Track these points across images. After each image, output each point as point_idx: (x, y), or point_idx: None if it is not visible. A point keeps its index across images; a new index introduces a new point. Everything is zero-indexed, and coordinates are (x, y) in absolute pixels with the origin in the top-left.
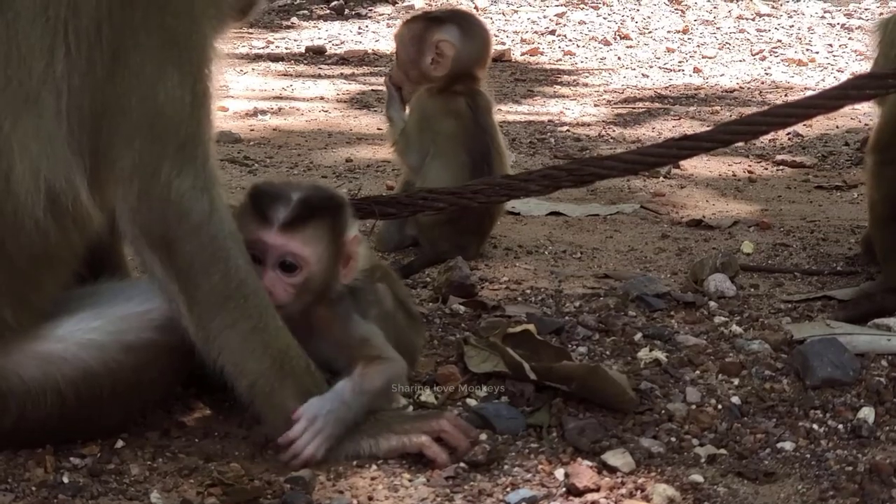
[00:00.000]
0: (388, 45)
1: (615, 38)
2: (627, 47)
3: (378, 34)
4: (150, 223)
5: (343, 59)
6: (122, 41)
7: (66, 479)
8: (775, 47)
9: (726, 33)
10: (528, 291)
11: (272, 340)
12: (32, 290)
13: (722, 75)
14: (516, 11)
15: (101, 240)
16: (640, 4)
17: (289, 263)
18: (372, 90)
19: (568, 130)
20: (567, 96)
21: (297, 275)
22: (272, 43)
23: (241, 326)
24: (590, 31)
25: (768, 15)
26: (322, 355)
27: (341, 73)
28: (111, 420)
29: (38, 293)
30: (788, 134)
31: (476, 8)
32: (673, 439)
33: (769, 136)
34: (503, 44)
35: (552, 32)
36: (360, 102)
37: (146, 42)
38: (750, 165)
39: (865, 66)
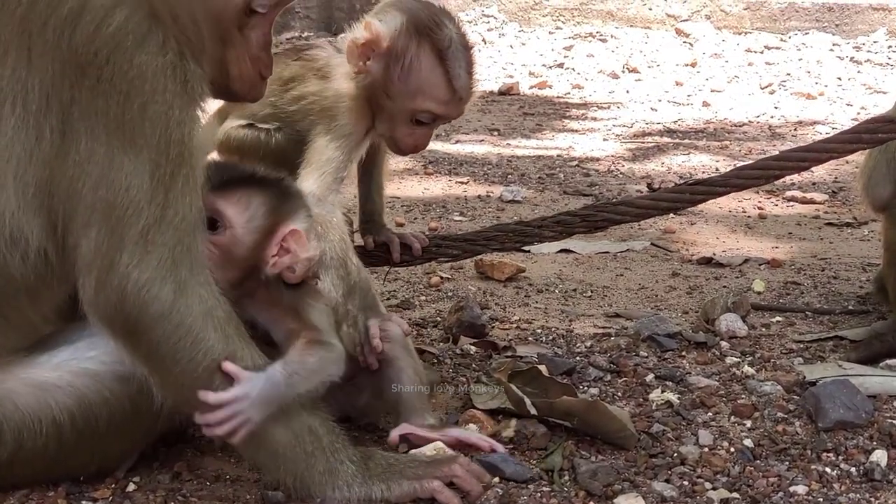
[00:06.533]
0: None
1: (623, 71)
2: (636, 80)
3: None
4: (111, 315)
5: None
6: (71, 123)
7: None
8: (784, 80)
9: (735, 66)
10: (539, 331)
11: None
12: (27, 316)
13: (731, 109)
14: (524, 44)
15: None
16: (647, 37)
17: (211, 219)
18: None
19: (577, 165)
20: (576, 130)
21: (220, 233)
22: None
23: None
24: (598, 64)
25: (776, 48)
26: (262, 324)
27: None
28: (112, 453)
29: (33, 319)
30: None
31: (484, 41)
32: (685, 483)
33: None
34: (511, 77)
35: (560, 65)
36: None
37: (95, 126)
38: (760, 202)
39: (874, 100)
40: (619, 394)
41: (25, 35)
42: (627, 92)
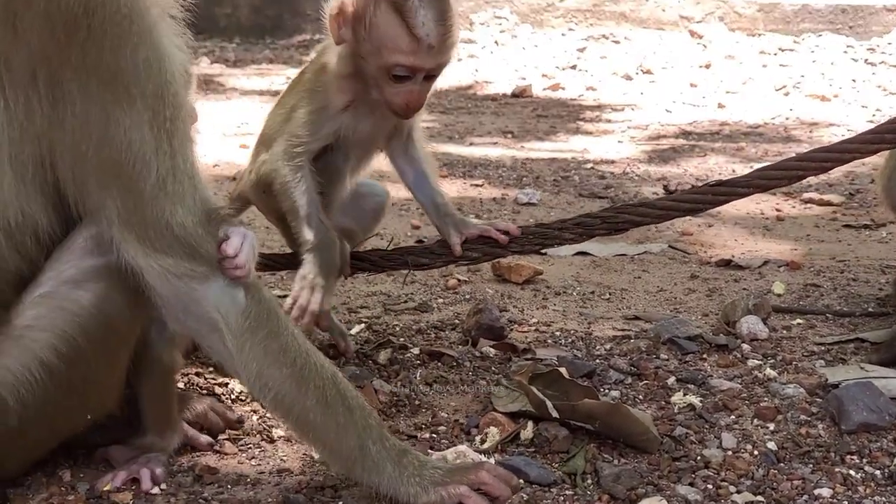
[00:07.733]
0: None
1: (637, 73)
2: (650, 82)
3: None
4: (177, 266)
5: None
6: (61, 86)
7: None
8: (798, 82)
9: (749, 68)
10: (558, 333)
11: (289, 348)
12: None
13: (746, 111)
14: (537, 46)
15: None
16: (661, 39)
17: None
18: None
19: (592, 168)
20: (590, 132)
21: None
22: (292, 79)
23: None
24: (611, 65)
25: (790, 49)
26: None
27: None
28: (110, 375)
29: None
30: None
31: (496, 43)
32: (710, 486)
33: None
34: (524, 79)
35: (573, 67)
36: None
37: (88, 83)
38: (778, 204)
39: (890, 101)
40: (641, 397)
41: (11, 13)
42: (641, 94)
